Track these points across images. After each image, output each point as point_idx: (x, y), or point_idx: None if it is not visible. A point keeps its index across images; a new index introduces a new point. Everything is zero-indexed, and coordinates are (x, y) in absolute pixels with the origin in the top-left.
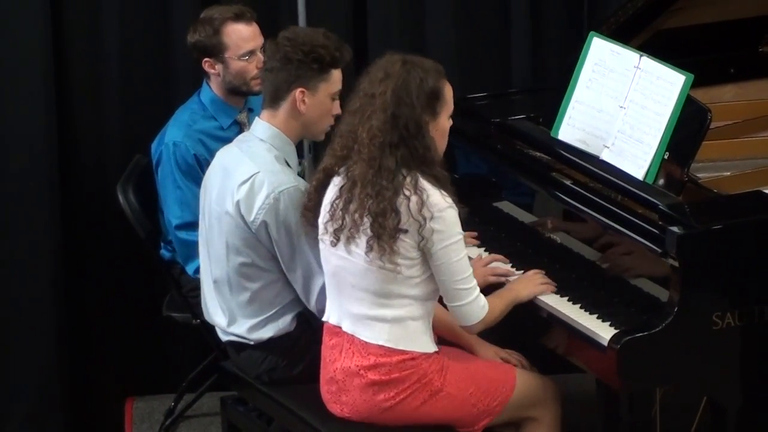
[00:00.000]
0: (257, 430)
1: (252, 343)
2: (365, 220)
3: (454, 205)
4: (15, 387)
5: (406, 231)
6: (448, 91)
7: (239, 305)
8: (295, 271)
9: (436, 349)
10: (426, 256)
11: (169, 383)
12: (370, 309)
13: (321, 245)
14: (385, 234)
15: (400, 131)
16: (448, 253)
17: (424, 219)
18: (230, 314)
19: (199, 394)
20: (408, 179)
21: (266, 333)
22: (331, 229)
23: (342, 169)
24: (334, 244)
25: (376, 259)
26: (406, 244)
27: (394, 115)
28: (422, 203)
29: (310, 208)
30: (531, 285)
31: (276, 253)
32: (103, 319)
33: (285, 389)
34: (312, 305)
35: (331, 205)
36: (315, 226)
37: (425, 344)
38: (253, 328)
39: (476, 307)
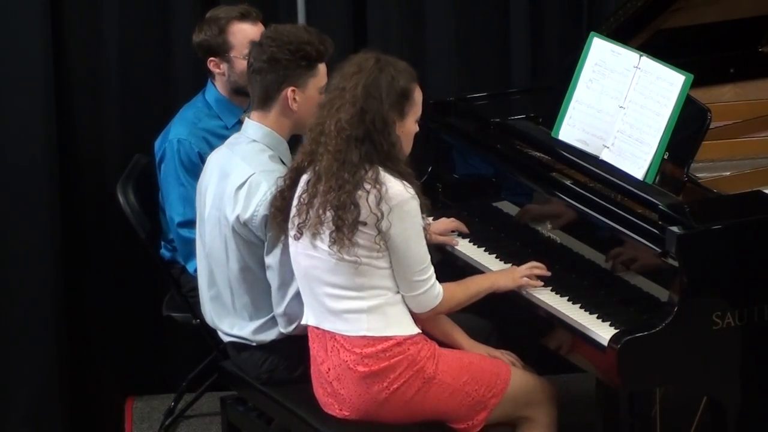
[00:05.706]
0: (257, 430)
1: (254, 344)
2: (328, 214)
3: (415, 195)
4: (15, 387)
5: (365, 224)
6: (418, 95)
7: (241, 309)
8: (276, 269)
9: (419, 331)
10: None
11: (169, 383)
12: (345, 303)
13: (290, 244)
14: (344, 226)
15: (367, 126)
16: (407, 242)
17: (382, 213)
18: (232, 318)
19: (199, 394)
20: (369, 173)
21: (269, 335)
22: (295, 223)
23: (310, 166)
24: (297, 239)
25: (337, 252)
26: (368, 236)
27: (362, 109)
28: (380, 197)
29: (281, 208)
30: (515, 277)
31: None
32: (103, 318)
33: (285, 389)
34: (282, 309)
35: (298, 200)
36: (283, 228)
37: (406, 327)
38: (257, 330)
39: (430, 297)
